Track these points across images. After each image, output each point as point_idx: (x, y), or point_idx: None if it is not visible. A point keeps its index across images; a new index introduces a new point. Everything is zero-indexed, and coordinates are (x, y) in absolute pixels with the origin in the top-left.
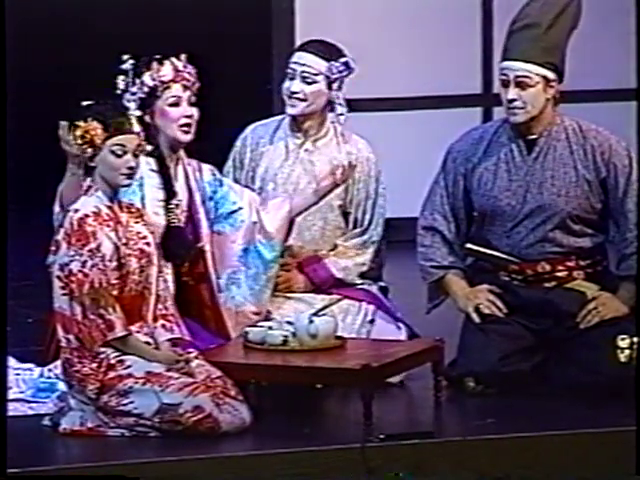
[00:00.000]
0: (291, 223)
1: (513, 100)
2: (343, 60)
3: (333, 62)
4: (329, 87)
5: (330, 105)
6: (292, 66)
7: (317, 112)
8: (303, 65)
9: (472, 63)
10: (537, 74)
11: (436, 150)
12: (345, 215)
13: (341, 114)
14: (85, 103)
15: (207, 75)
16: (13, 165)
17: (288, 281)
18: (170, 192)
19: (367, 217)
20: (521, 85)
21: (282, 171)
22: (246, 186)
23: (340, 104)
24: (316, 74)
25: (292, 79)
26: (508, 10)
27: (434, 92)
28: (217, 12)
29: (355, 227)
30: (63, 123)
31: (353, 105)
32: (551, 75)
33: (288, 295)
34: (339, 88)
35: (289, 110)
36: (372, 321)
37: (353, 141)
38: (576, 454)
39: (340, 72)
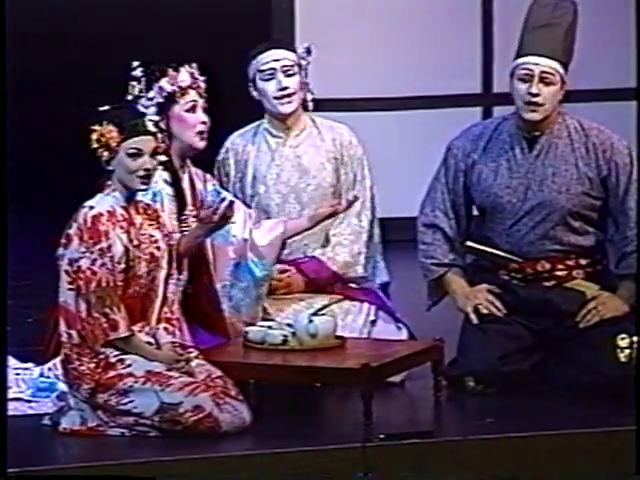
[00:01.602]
0: (283, 244)
1: (537, 95)
2: (305, 46)
3: (298, 51)
4: (301, 75)
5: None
6: (270, 65)
7: (300, 105)
8: (281, 60)
9: (472, 63)
10: (559, 72)
11: (436, 150)
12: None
13: (312, 100)
14: (102, 108)
15: (207, 76)
16: (13, 165)
17: (289, 286)
18: (182, 203)
19: (355, 199)
20: (545, 81)
21: (270, 172)
22: (235, 196)
23: (309, 90)
24: (293, 65)
25: (271, 79)
26: (508, 10)
27: (434, 92)
28: (217, 12)
29: (346, 211)
30: None
31: (353, 105)
32: (565, 76)
33: (289, 297)
34: (306, 75)
35: (284, 109)
36: (374, 321)
37: (334, 127)
38: (576, 454)
39: (304, 58)
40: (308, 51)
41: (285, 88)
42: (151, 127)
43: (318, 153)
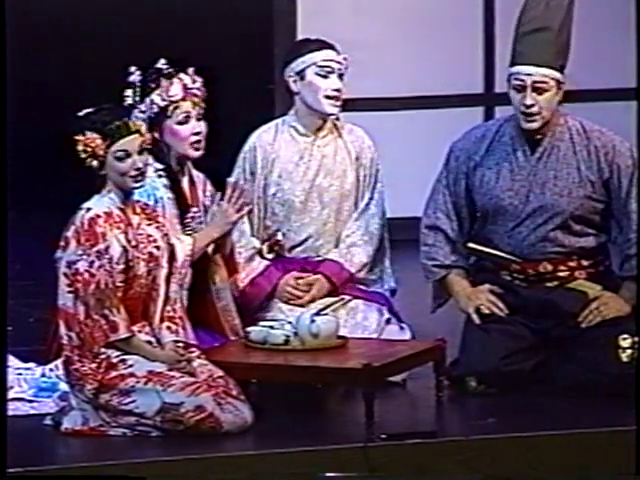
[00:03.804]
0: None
1: (531, 106)
2: (344, 56)
3: (342, 56)
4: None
5: None
6: (330, 63)
7: None
8: (339, 63)
9: (474, 62)
10: (552, 78)
11: (438, 150)
12: (355, 203)
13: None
14: (80, 114)
15: (208, 76)
16: (14, 164)
17: (314, 298)
18: (184, 206)
19: (371, 201)
20: (538, 90)
21: (298, 170)
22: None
23: None
24: (343, 68)
25: (327, 77)
26: (510, 10)
27: (436, 91)
28: (218, 12)
29: (360, 211)
30: None
31: (355, 104)
32: (562, 78)
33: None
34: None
35: (331, 109)
36: (389, 320)
37: (353, 130)
38: (576, 454)
39: (346, 67)
40: (346, 58)
41: (338, 90)
42: (132, 125)
43: (342, 155)
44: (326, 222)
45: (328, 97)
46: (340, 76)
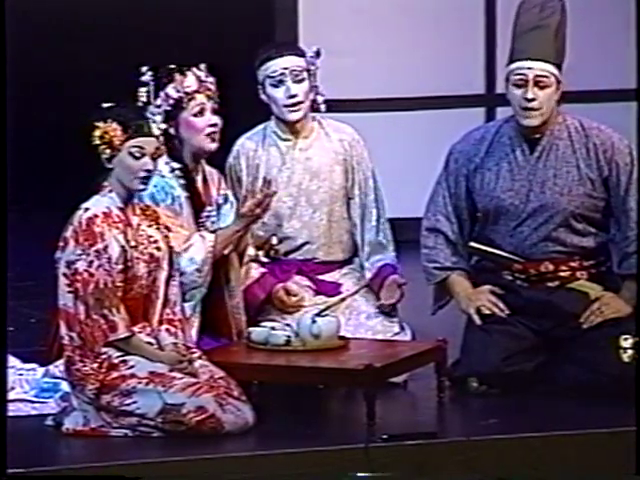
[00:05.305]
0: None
1: (532, 99)
2: (314, 50)
3: (307, 55)
4: (310, 80)
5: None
6: (280, 72)
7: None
8: (290, 67)
9: (475, 63)
10: (553, 74)
11: (439, 150)
12: (347, 203)
13: (323, 103)
14: (106, 105)
15: (216, 77)
16: (14, 164)
17: (392, 303)
18: (199, 204)
19: (371, 198)
20: (539, 85)
21: (281, 175)
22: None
23: (319, 92)
24: (302, 71)
25: (280, 85)
26: (511, 10)
27: (437, 92)
28: (219, 11)
29: (364, 213)
30: None
31: (357, 106)
32: (560, 76)
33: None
34: (315, 78)
35: (291, 116)
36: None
37: (340, 127)
38: (577, 454)
39: (313, 63)
40: (317, 54)
41: (294, 96)
42: (154, 129)
43: (327, 155)
44: (318, 225)
45: (285, 106)
46: (295, 79)
